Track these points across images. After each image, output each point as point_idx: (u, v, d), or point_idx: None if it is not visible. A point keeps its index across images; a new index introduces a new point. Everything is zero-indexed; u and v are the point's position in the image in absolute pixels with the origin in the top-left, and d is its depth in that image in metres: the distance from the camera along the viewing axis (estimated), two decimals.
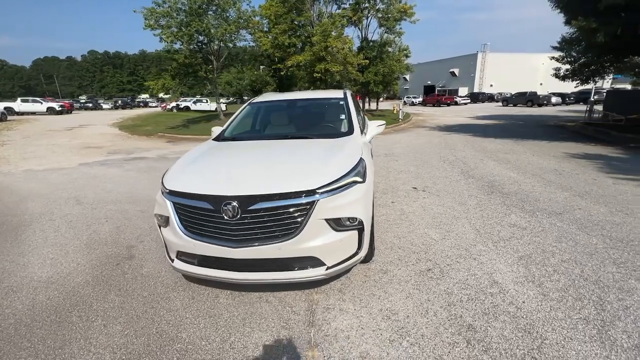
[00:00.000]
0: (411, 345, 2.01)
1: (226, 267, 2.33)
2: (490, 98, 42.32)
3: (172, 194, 2.42)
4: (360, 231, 2.38)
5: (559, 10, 11.18)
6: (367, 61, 17.80)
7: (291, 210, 2.20)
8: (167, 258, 2.61)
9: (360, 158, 2.67)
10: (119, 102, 53.66)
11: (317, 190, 2.22)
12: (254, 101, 4.22)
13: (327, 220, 2.24)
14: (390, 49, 21.81)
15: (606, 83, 36.95)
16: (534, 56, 50.11)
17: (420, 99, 43.45)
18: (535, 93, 32.21)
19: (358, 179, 2.46)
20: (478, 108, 31.95)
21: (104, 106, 49.85)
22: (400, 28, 19.67)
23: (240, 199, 2.18)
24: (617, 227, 3.68)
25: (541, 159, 7.72)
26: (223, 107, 35.33)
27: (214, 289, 2.70)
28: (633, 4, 7.86)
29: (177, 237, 2.39)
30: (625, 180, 5.66)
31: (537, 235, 3.53)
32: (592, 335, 2.05)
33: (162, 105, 39.66)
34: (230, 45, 15.67)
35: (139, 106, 54.94)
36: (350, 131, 3.33)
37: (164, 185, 2.51)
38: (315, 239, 2.22)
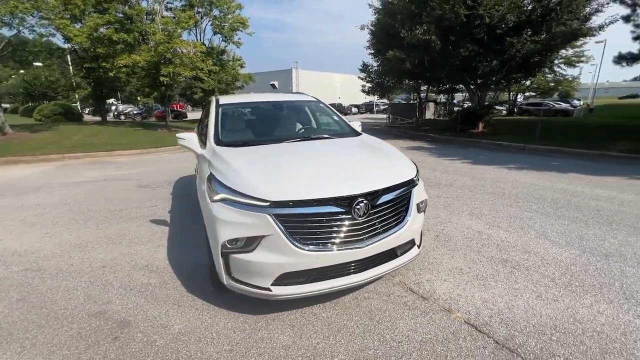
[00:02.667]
0: (497, 283, 2.66)
1: (347, 273, 2.19)
2: None
3: (276, 205, 2.01)
4: (424, 212, 2.81)
5: (375, 41, 14.91)
6: (217, 67, 17.04)
7: (402, 199, 2.38)
8: (250, 291, 2.11)
9: None
10: None
11: (414, 179, 2.50)
12: (222, 103, 3.62)
13: (417, 204, 2.54)
14: (224, 57, 21.67)
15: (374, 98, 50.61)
16: (333, 75, 62.22)
17: None
18: (341, 104, 40.29)
19: None
20: None
21: None
22: (239, 38, 19.97)
23: (367, 195, 2.15)
24: (484, 187, 5.72)
25: None
26: None
27: (298, 310, 2.38)
28: (420, 44, 11.71)
29: (285, 256, 2.03)
30: (453, 160, 8.54)
31: (458, 199, 5.00)
32: (546, 242, 3.38)
33: None
34: (21, 29, 11.06)
35: None
36: (355, 130, 3.60)
37: (257, 199, 2.02)
38: (415, 223, 2.48)
